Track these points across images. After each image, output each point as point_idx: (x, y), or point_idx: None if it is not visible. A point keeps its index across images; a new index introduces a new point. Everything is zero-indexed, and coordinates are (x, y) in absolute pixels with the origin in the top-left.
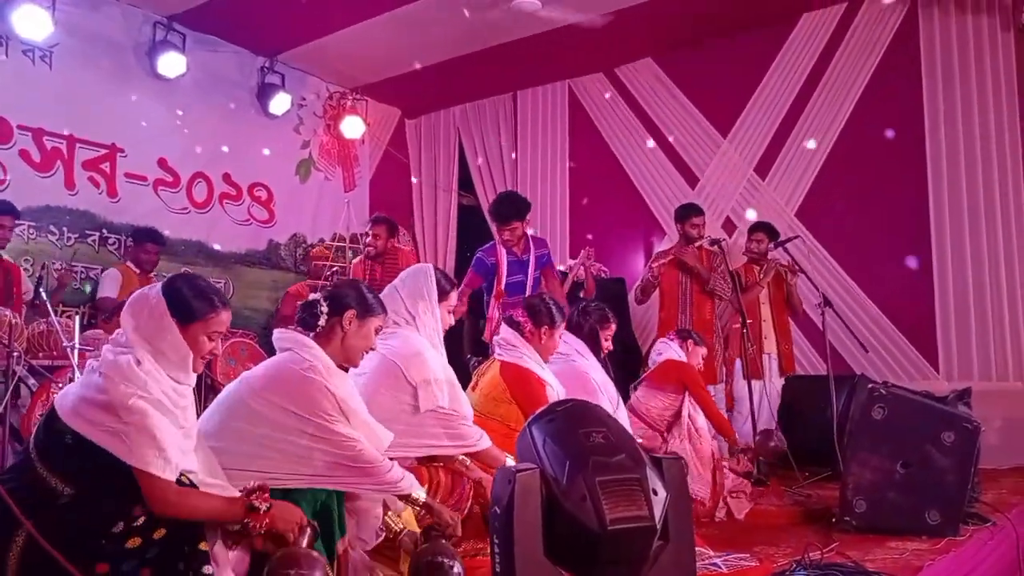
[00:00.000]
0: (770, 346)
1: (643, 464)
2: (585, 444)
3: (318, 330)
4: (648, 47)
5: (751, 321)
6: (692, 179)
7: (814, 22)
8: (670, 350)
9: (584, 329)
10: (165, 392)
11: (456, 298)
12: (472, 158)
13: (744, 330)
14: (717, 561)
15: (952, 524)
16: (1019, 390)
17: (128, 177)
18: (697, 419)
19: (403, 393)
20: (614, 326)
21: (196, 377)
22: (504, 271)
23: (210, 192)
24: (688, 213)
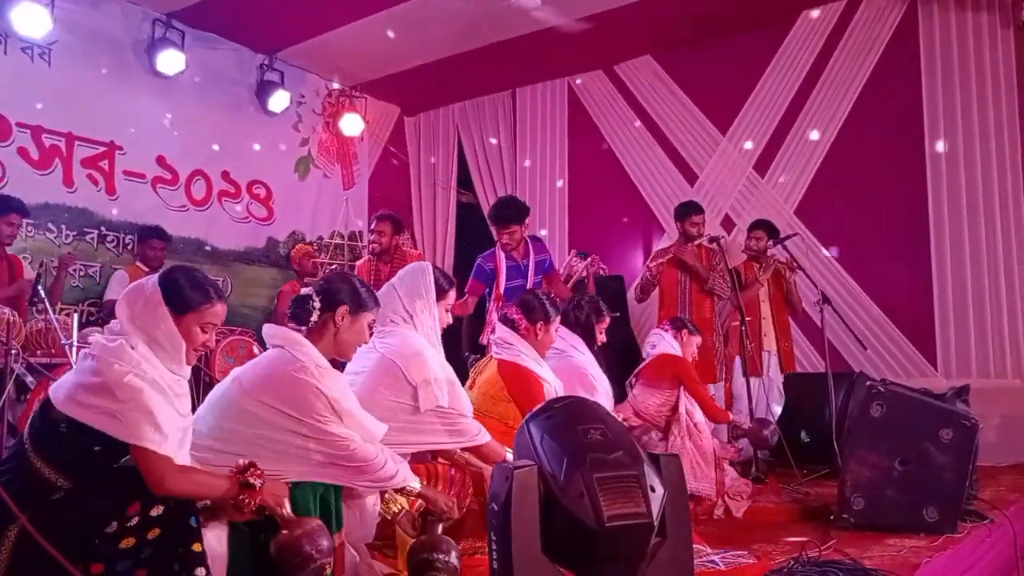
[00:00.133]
0: (770, 343)
1: (641, 461)
2: (583, 441)
3: (310, 325)
4: (648, 45)
5: (750, 319)
6: (691, 176)
7: (813, 19)
8: (664, 342)
9: (579, 322)
10: (161, 376)
11: (455, 297)
12: (471, 156)
13: (743, 328)
14: (715, 558)
15: (950, 521)
16: (1017, 387)
17: (127, 175)
18: (695, 414)
19: (402, 393)
20: (608, 319)
21: (191, 371)
22: (503, 276)
23: (209, 190)
24: (688, 211)
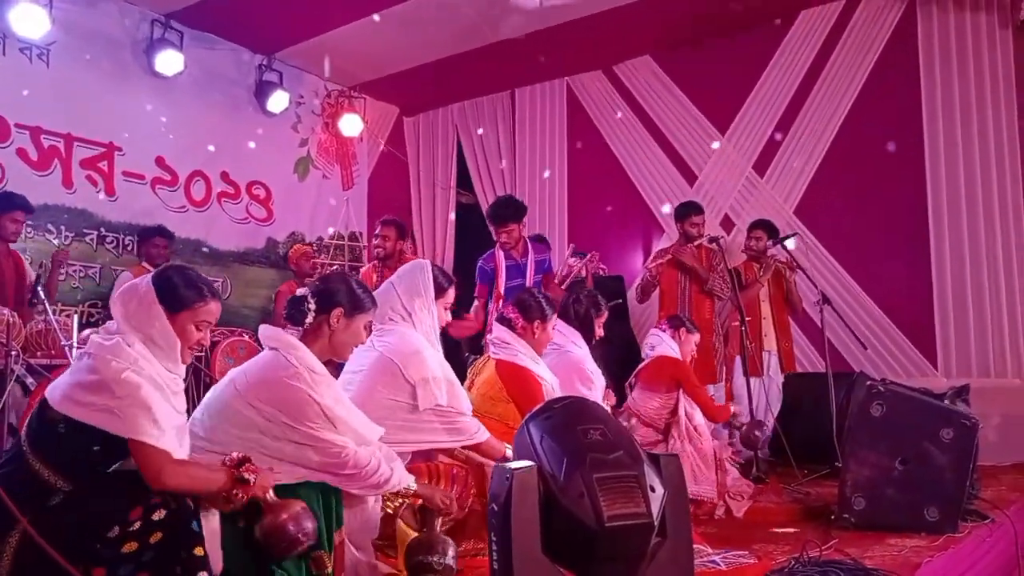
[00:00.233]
0: (770, 343)
1: (641, 461)
2: (583, 441)
3: (306, 326)
4: (646, 45)
5: (750, 319)
6: (691, 176)
7: (812, 19)
8: (663, 344)
9: (578, 316)
10: (158, 373)
11: (453, 295)
12: (470, 156)
13: (743, 328)
14: (716, 559)
15: (951, 521)
16: (1017, 387)
17: (126, 175)
18: (695, 416)
19: (401, 391)
20: (607, 313)
21: (192, 371)
22: (503, 275)
23: (208, 190)
24: (688, 212)
